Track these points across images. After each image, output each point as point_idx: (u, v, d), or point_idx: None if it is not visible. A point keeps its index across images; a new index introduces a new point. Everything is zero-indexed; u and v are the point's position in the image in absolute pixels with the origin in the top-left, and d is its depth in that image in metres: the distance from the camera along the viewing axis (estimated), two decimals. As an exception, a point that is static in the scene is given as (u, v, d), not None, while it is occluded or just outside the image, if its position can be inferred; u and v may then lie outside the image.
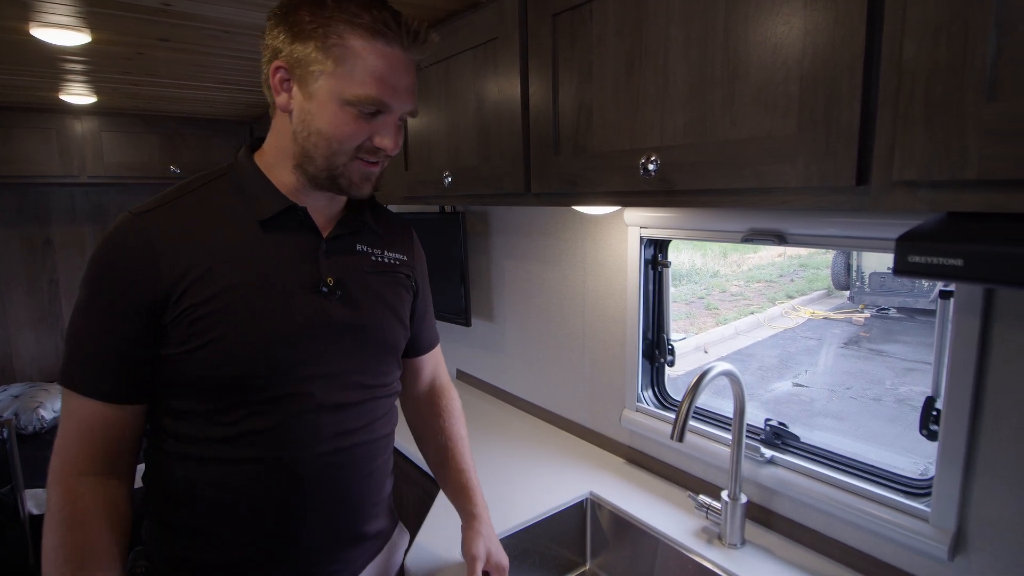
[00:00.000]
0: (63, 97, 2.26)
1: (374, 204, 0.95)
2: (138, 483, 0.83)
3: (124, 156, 2.71)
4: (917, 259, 0.53)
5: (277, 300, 0.77)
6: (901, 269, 0.55)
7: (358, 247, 0.88)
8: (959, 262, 0.51)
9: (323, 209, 0.85)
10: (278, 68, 0.76)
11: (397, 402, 0.97)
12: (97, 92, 2.20)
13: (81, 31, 1.41)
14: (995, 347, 0.86)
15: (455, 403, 1.10)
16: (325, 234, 0.84)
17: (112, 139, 2.67)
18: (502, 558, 0.96)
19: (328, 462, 0.81)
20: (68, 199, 3.01)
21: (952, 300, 0.89)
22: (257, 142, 0.86)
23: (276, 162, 0.82)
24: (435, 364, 1.10)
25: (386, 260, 0.91)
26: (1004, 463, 0.86)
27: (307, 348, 0.79)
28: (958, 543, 0.92)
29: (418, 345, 1.04)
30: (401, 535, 1.01)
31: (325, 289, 0.81)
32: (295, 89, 0.76)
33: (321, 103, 0.75)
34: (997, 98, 0.53)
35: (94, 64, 1.77)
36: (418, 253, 1.02)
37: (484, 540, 0.95)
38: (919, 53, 0.58)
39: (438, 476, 1.06)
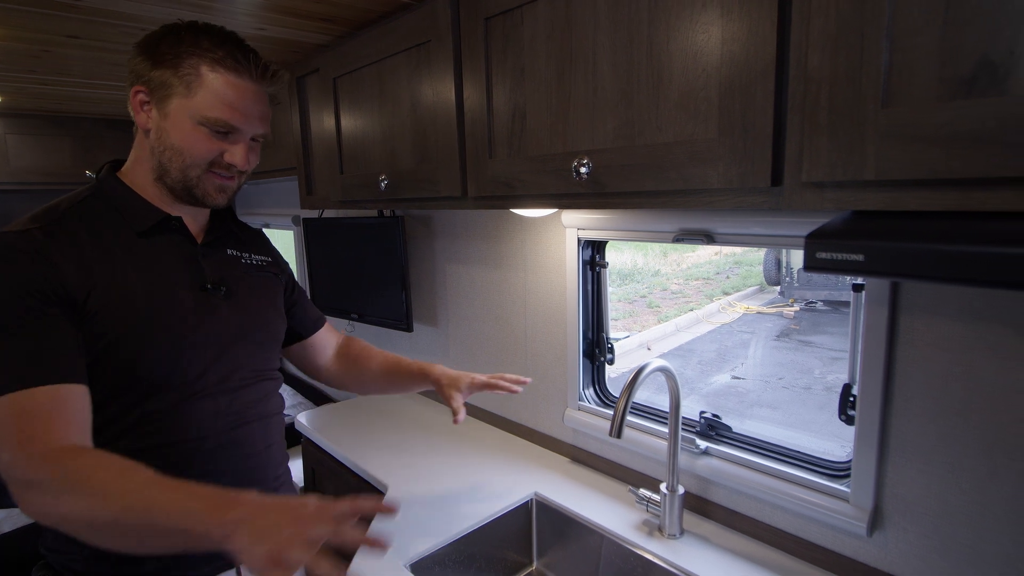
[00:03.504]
0: (-40, 96, 2.08)
1: (233, 216, 1.07)
2: None
3: (32, 160, 2.51)
4: (824, 255, 0.57)
5: (169, 298, 0.88)
6: (810, 265, 0.58)
7: (229, 251, 1.01)
8: (860, 257, 0.54)
9: (193, 219, 0.97)
10: (138, 91, 0.86)
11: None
12: (0, 91, 2.04)
13: (-23, 25, 1.30)
14: (901, 335, 0.92)
15: (362, 342, 1.30)
16: (199, 241, 0.96)
17: (19, 142, 2.47)
18: (475, 376, 1.18)
19: (229, 438, 0.91)
20: (-31, 207, 2.77)
21: (863, 293, 0.95)
22: (117, 163, 0.95)
23: (141, 178, 0.92)
24: (332, 333, 1.28)
25: (255, 262, 1.05)
26: (913, 443, 0.93)
27: (202, 338, 0.89)
28: (876, 520, 0.98)
29: (311, 324, 1.21)
30: None
31: (211, 287, 0.93)
32: (153, 110, 0.86)
33: (175, 122, 0.85)
34: (890, 104, 0.58)
35: (-6, 61, 1.64)
36: (277, 255, 1.16)
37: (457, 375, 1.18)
38: (822, 62, 0.62)
39: (390, 384, 1.23)
